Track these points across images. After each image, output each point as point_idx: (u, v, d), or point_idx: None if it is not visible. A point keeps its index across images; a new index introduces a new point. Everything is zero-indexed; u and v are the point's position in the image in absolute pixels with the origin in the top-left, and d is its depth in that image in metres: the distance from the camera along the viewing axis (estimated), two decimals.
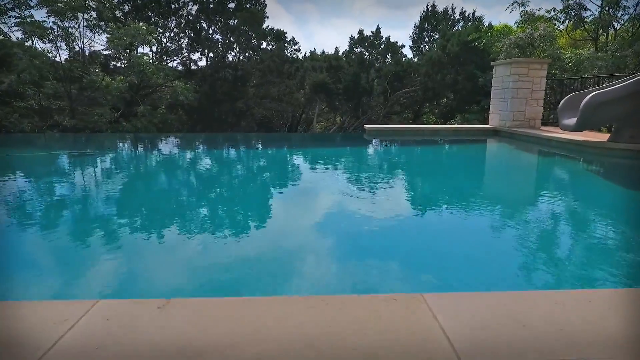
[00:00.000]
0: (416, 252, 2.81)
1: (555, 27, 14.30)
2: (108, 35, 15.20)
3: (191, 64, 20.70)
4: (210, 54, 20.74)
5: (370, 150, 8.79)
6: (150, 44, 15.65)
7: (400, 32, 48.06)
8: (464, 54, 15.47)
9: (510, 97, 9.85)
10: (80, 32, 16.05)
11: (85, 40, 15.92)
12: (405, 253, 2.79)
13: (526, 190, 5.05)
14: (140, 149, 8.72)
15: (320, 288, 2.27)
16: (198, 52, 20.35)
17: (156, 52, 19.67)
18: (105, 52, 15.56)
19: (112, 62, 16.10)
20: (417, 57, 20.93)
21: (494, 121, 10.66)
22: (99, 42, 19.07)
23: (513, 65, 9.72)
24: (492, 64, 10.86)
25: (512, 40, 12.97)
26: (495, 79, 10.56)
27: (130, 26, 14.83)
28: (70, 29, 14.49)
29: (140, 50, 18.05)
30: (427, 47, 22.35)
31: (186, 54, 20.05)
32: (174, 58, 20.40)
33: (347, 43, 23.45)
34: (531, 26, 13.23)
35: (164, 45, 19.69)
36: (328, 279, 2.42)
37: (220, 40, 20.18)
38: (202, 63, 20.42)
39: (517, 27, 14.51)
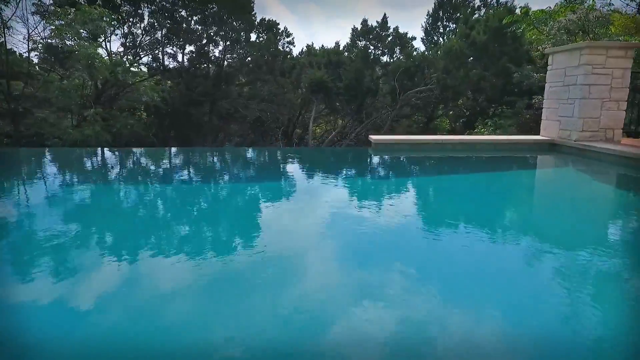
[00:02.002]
0: None
1: (611, 6, 11.28)
2: (61, 22, 12.35)
3: (170, 58, 17.84)
4: (191, 48, 17.85)
5: (382, 178, 5.85)
6: (104, 32, 12.74)
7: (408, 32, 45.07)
8: (494, 44, 12.44)
9: (580, 97, 6.87)
10: (24, 17, 13.27)
11: (35, 28, 13.10)
12: None
13: None
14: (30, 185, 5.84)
15: None
16: (176, 45, 17.42)
17: (126, 46, 16.81)
18: (52, 42, 12.63)
19: (62, 55, 13.20)
20: (431, 50, 17.91)
21: (550, 131, 7.68)
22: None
23: (584, 52, 6.73)
24: (546, 51, 7.88)
25: (562, 23, 9.99)
26: (553, 73, 7.58)
27: (81, 10, 11.97)
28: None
29: (106, 43, 15.23)
30: (442, 40, 19.34)
31: (160, 48, 17.13)
32: (148, 53, 17.48)
33: (349, 36, 20.47)
34: (586, 6, 10.24)
35: (135, 37, 16.80)
36: None
37: (199, 29, 17.23)
38: (179, 58, 17.50)
39: (562, 8, 11.50)
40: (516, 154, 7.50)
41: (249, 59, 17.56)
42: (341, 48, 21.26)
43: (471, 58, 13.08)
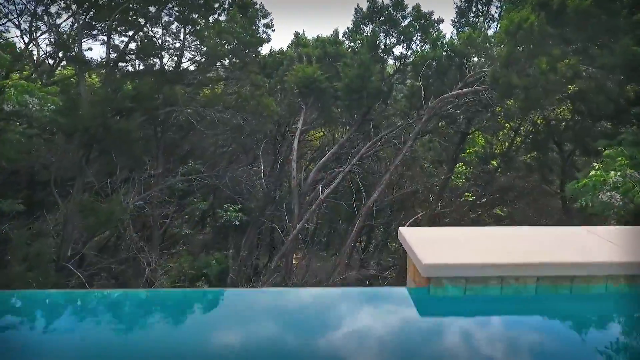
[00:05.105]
0: None
1: None
2: None
3: (103, 45, 12.59)
4: (126, 33, 12.56)
5: None
6: None
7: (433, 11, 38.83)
8: (599, 14, 6.97)
9: None
10: None
11: None
12: None
13: None
14: None
15: None
16: (100, 30, 12.13)
17: (27, 30, 11.66)
18: None
19: None
20: (468, 37, 12.48)
21: None
22: None
23: None
24: None
25: None
26: None
27: None
28: None
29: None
30: (479, 22, 13.94)
31: (77, 33, 11.82)
32: (60, 40, 12.23)
33: (351, 19, 15.17)
34: None
35: (37, 16, 11.61)
36: None
37: (136, 7, 11.91)
38: (103, 48, 12.14)
39: None
40: None
41: (205, 48, 12.27)
42: (340, 37, 16.06)
43: (561, 41, 7.47)
